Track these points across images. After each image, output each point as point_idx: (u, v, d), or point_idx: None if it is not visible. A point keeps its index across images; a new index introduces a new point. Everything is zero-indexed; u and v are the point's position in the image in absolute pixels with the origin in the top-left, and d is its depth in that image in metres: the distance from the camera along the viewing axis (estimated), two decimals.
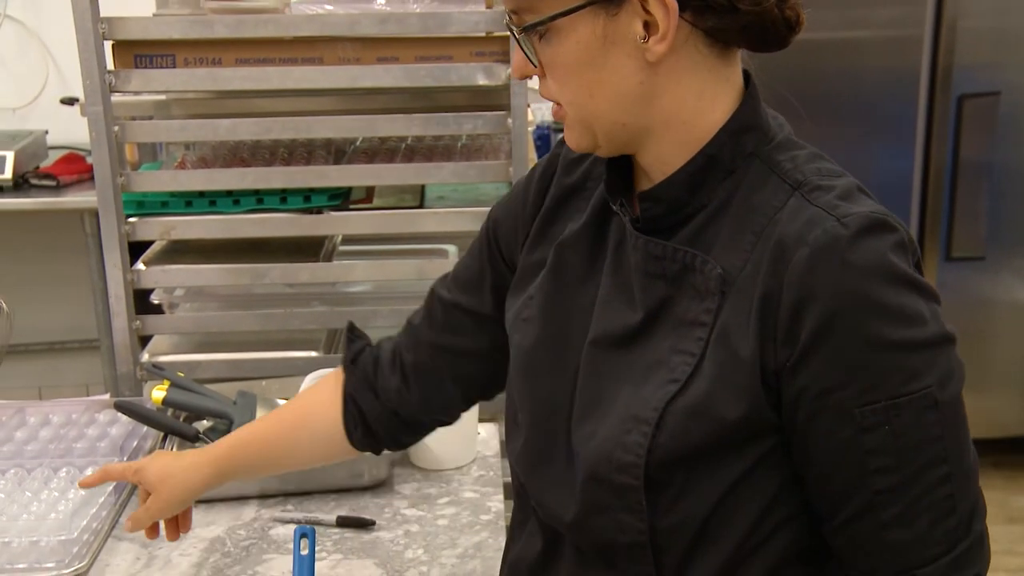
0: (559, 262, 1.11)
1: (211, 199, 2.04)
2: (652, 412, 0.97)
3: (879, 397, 0.91)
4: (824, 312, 0.90)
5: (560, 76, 0.98)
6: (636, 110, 0.98)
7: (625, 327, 1.03)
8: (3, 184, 3.01)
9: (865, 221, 0.92)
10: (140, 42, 1.97)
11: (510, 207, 1.21)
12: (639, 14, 0.93)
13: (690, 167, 0.99)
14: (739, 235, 0.96)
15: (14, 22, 3.43)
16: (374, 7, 2.04)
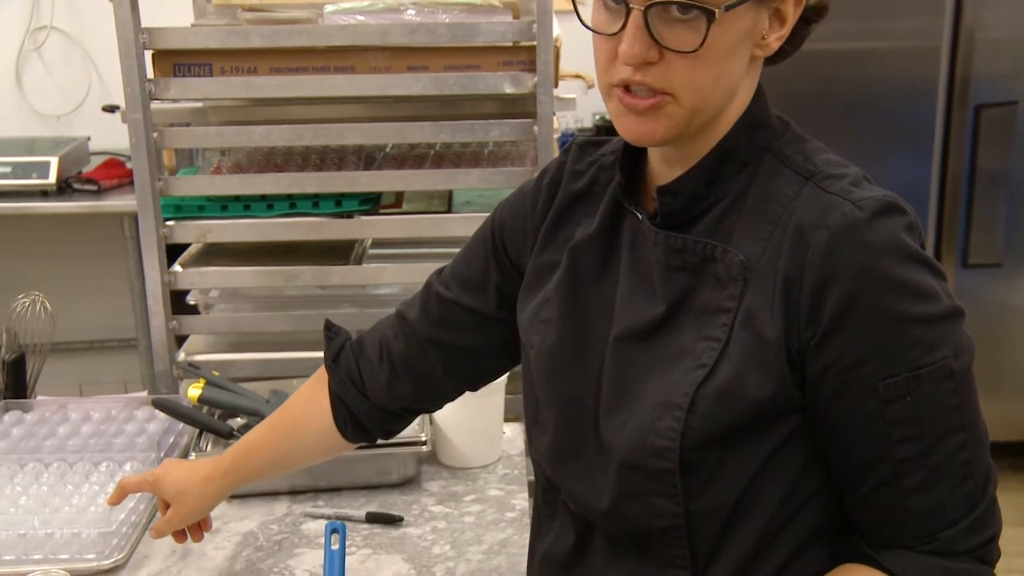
0: (573, 265, 1.11)
1: (246, 203, 2.05)
2: (683, 397, 0.98)
3: (900, 370, 0.93)
4: (845, 291, 0.93)
5: (705, 62, 0.94)
6: (724, 102, 0.99)
7: (648, 320, 1.03)
8: (47, 188, 3.03)
9: (879, 204, 0.94)
10: (179, 52, 1.98)
11: (517, 211, 1.20)
12: (771, 8, 0.96)
13: (707, 161, 1.00)
14: (756, 225, 0.98)
15: (60, 33, 3.46)
16: (404, 18, 2.04)
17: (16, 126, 3.49)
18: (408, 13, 2.05)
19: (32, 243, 3.50)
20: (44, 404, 1.70)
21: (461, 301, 1.23)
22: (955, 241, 3.18)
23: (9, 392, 1.69)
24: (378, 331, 1.29)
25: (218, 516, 1.50)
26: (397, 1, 2.08)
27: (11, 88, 3.50)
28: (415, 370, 1.26)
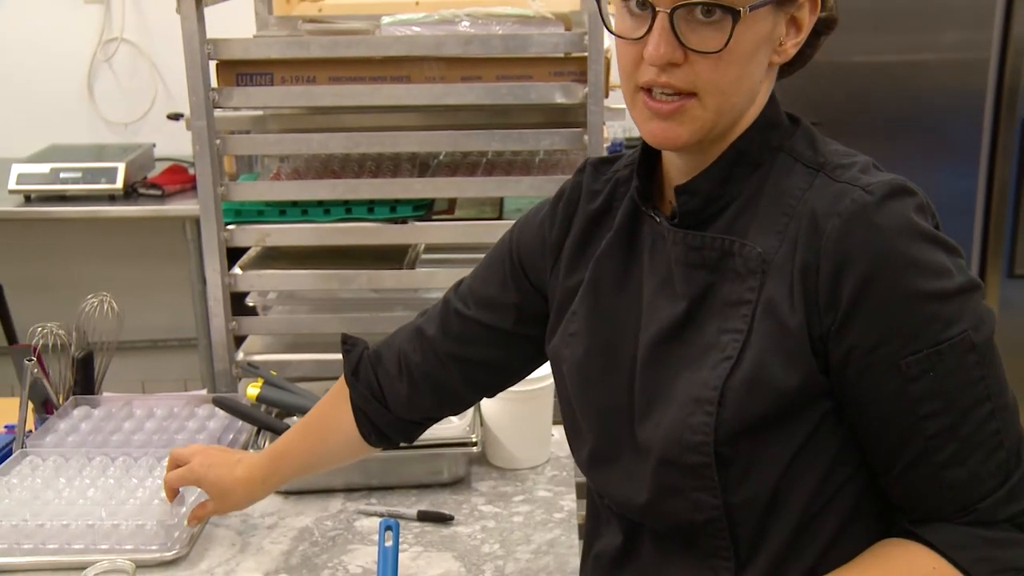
0: (596, 275, 1.12)
1: (303, 208, 2.06)
2: (712, 391, 0.98)
3: (921, 346, 0.94)
4: (861, 274, 0.94)
5: (727, 63, 0.95)
6: (745, 106, 1.01)
7: (672, 320, 1.04)
8: (115, 193, 3.08)
9: (888, 188, 0.95)
10: (242, 62, 2.00)
11: (534, 231, 1.21)
12: (789, 14, 0.97)
13: (722, 162, 1.02)
14: (771, 219, 0.99)
15: (129, 44, 3.51)
16: (459, 29, 2.05)
17: (87, 133, 3.55)
18: (463, 24, 2.05)
19: (100, 245, 3.55)
20: (110, 400, 1.72)
21: (480, 318, 1.24)
22: (1001, 252, 3.14)
23: (78, 388, 1.71)
24: (396, 343, 1.31)
25: (275, 511, 1.51)
26: (452, 13, 2.08)
27: (83, 97, 3.55)
28: (435, 383, 1.27)
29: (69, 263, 3.57)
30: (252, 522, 1.48)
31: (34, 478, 1.49)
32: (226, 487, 1.34)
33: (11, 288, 3.40)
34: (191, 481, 1.37)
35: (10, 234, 3.58)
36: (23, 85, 3.54)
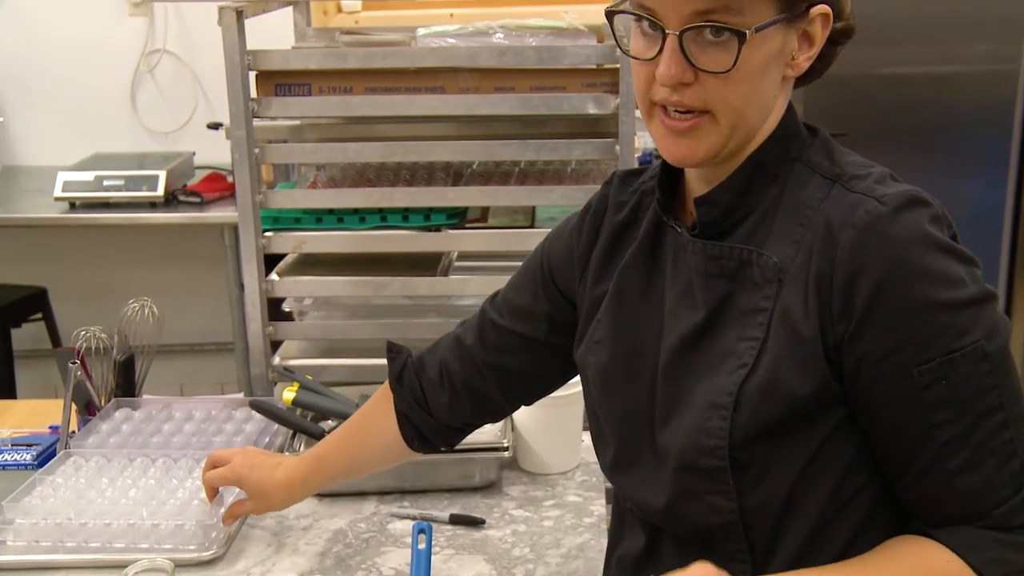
0: (620, 285, 1.12)
1: (339, 216, 2.07)
2: (727, 397, 0.99)
3: (933, 355, 0.93)
4: (874, 283, 0.93)
5: (736, 82, 0.95)
6: (760, 121, 1.01)
7: (692, 328, 1.04)
8: (156, 200, 3.10)
9: (902, 199, 0.95)
10: (281, 72, 2.01)
11: (563, 244, 1.22)
12: (800, 30, 0.97)
13: (740, 173, 1.02)
14: (788, 229, 0.99)
15: (171, 55, 3.54)
16: (493, 41, 2.05)
17: (129, 142, 3.58)
18: (496, 36, 2.05)
19: (141, 251, 3.58)
20: (151, 402, 1.73)
21: (514, 328, 1.25)
22: None
23: (120, 390, 1.72)
24: (438, 352, 1.32)
25: (309, 513, 1.51)
26: (486, 25, 2.09)
27: (126, 107, 3.59)
28: (474, 391, 1.28)
29: (111, 268, 3.60)
30: (287, 523, 1.49)
31: (78, 478, 1.50)
32: (266, 489, 1.35)
33: (56, 292, 3.43)
34: (232, 481, 1.37)
35: (55, 240, 3.61)
36: (69, 95, 3.58)
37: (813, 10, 0.96)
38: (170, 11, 3.50)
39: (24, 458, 1.66)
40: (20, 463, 1.65)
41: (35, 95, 3.60)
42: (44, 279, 3.46)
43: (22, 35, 3.54)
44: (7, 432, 1.75)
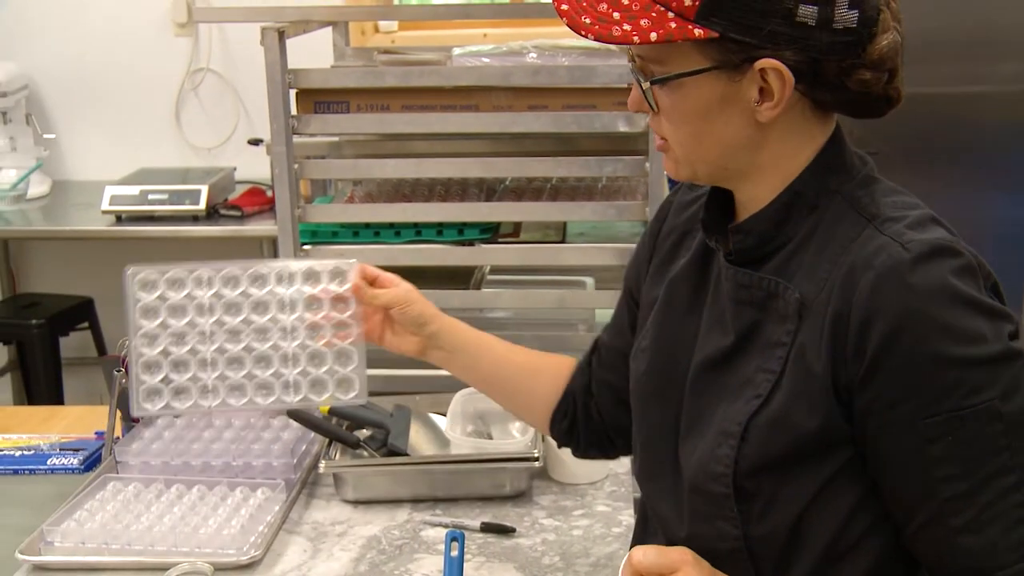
0: (669, 296, 1.12)
1: (375, 230, 2.08)
2: (737, 426, 0.98)
3: (940, 410, 0.90)
4: (888, 330, 0.90)
5: (675, 121, 0.98)
6: (739, 157, 0.99)
7: (720, 350, 1.03)
8: (198, 214, 3.12)
9: (927, 246, 0.91)
10: (320, 90, 2.03)
11: (638, 252, 1.23)
12: (757, 81, 0.94)
13: (777, 203, 1.00)
14: (818, 265, 0.97)
15: (214, 74, 3.57)
16: (526, 60, 2.05)
17: (173, 157, 3.62)
18: (530, 56, 2.06)
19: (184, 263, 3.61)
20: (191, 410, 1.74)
21: (614, 344, 1.26)
22: None
23: None
24: None
25: (344, 520, 1.51)
26: (520, 45, 2.09)
27: (171, 123, 3.62)
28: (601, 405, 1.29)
29: None
30: (323, 530, 1.49)
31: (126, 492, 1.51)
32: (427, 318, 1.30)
33: (102, 302, 3.46)
34: (402, 300, 1.30)
35: (102, 252, 3.65)
36: (117, 113, 3.62)
37: (758, 63, 0.92)
38: (214, 31, 3.54)
39: (71, 462, 1.68)
40: (67, 467, 1.67)
41: (85, 113, 3.64)
42: (91, 289, 3.50)
43: (73, 56, 3.59)
44: (55, 437, 1.77)
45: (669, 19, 0.91)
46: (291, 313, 1.32)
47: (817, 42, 0.92)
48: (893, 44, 0.95)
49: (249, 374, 1.32)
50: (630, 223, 2.21)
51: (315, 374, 1.32)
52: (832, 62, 0.93)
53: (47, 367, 3.28)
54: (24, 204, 3.36)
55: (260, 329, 1.33)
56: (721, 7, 0.90)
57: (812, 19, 0.91)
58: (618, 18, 0.92)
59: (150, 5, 3.51)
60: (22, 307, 3.40)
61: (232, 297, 1.33)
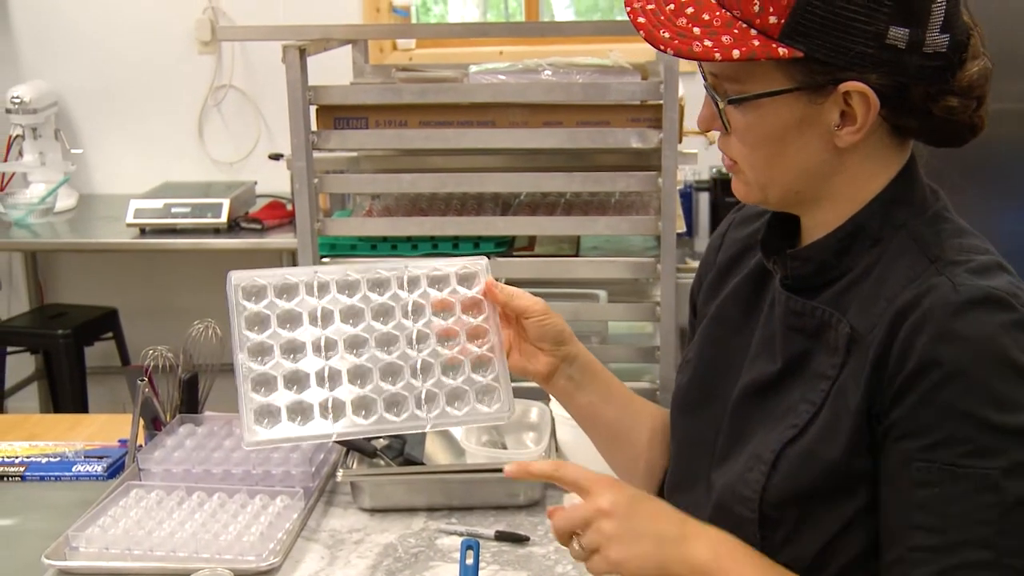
0: (720, 311, 1.09)
1: (393, 243, 2.08)
2: (770, 454, 0.95)
3: (937, 458, 0.86)
4: (918, 366, 0.86)
5: (748, 142, 0.94)
6: (812, 183, 0.95)
7: (766, 376, 1.00)
8: (219, 227, 3.14)
9: (980, 293, 0.86)
10: (340, 107, 2.03)
11: (700, 267, 1.19)
12: (839, 104, 0.90)
13: (839, 232, 0.96)
14: (874, 300, 0.92)
15: (236, 90, 3.60)
16: (541, 77, 2.06)
17: (196, 172, 3.64)
18: (545, 73, 2.06)
19: (205, 275, 3.61)
20: (213, 419, 1.74)
21: (687, 357, 1.20)
22: None
23: (184, 407, 1.73)
24: None
25: (361, 528, 1.51)
26: (535, 62, 2.10)
27: (194, 139, 3.65)
28: None
29: (178, 290, 3.64)
30: (340, 537, 1.49)
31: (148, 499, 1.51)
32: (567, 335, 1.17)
33: (126, 313, 3.48)
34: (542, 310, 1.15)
35: (126, 264, 3.67)
36: (142, 128, 3.65)
37: (842, 86, 0.88)
38: (236, 49, 3.56)
39: (95, 470, 1.68)
40: (92, 474, 1.68)
41: (111, 128, 3.67)
42: (115, 300, 3.52)
43: (101, 73, 3.62)
44: (80, 445, 1.78)
45: (752, 36, 0.87)
46: (418, 320, 1.16)
47: (906, 66, 0.88)
48: (983, 71, 0.91)
49: (377, 387, 1.12)
50: (643, 237, 2.21)
51: (452, 385, 1.13)
52: (919, 87, 0.89)
53: (72, 376, 3.29)
54: (52, 217, 3.38)
55: (385, 338, 1.15)
56: (808, 26, 0.86)
57: (903, 42, 0.87)
58: (698, 33, 0.88)
59: (175, 24, 3.54)
60: (49, 317, 3.42)
61: (352, 303, 1.16)
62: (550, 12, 3.93)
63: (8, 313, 3.71)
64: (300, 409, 1.10)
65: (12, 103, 3.34)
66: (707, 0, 0.90)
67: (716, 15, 0.89)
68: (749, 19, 0.88)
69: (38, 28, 3.61)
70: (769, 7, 0.87)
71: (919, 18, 0.87)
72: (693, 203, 3.23)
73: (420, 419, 1.12)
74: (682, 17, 0.90)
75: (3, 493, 1.64)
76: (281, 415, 1.10)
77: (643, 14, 0.91)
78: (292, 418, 1.10)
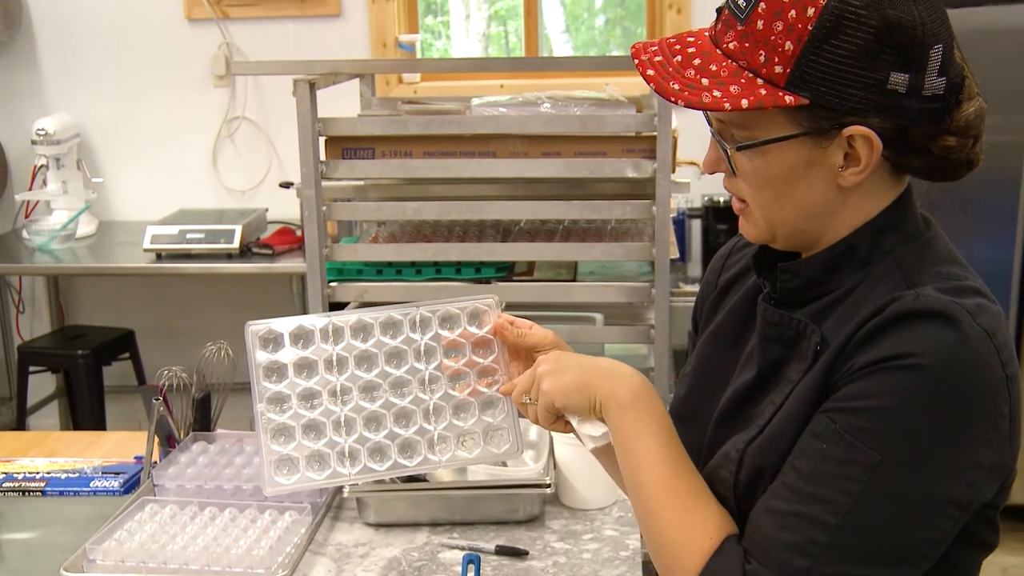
0: (718, 329, 1.10)
1: (398, 268, 2.08)
2: (736, 452, 0.96)
3: (839, 421, 0.87)
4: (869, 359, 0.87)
5: (756, 185, 0.94)
6: (818, 220, 0.95)
7: (745, 385, 1.01)
8: (232, 252, 3.14)
9: (937, 305, 0.86)
10: (347, 138, 2.04)
11: (700, 290, 1.19)
12: (843, 147, 0.90)
13: (830, 252, 0.96)
14: (849, 318, 0.92)
15: (249, 122, 3.60)
16: (541, 110, 2.06)
17: (210, 199, 3.64)
18: (544, 106, 2.07)
19: (218, 298, 3.62)
20: (224, 437, 1.73)
21: (686, 371, 1.20)
22: None
23: (197, 425, 1.72)
24: None
25: (367, 542, 1.50)
26: (535, 95, 2.10)
27: (208, 168, 3.65)
28: None
29: (192, 313, 3.64)
30: (346, 551, 1.47)
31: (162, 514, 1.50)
32: None
33: (142, 334, 3.47)
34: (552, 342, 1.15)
35: (143, 287, 3.67)
36: (159, 158, 3.66)
37: (846, 130, 0.88)
38: (249, 83, 3.57)
39: (112, 485, 1.67)
40: (108, 490, 1.66)
41: (130, 158, 3.68)
42: (132, 322, 3.51)
43: (121, 106, 3.63)
44: (97, 461, 1.77)
45: (759, 85, 0.87)
46: (430, 362, 1.15)
47: (907, 109, 0.88)
48: (979, 111, 0.92)
49: (391, 433, 1.13)
50: (637, 263, 2.21)
51: (463, 427, 1.14)
52: (919, 128, 0.89)
53: (91, 394, 3.29)
54: (73, 243, 3.39)
55: (398, 382, 1.15)
56: (813, 75, 0.86)
57: (903, 87, 0.87)
58: (707, 84, 0.88)
59: (192, 60, 3.56)
60: (69, 338, 3.42)
61: (365, 348, 1.15)
62: (549, 47, 3.95)
63: (31, 334, 3.71)
64: (318, 457, 1.13)
65: (37, 135, 3.35)
66: (713, 51, 0.91)
67: (723, 65, 0.89)
68: (755, 69, 0.88)
69: (63, 64, 3.63)
70: (775, 57, 0.87)
71: (918, 64, 0.87)
72: (686, 230, 3.23)
73: (432, 461, 1.14)
74: (690, 68, 0.90)
75: (25, 507, 1.63)
76: (299, 465, 1.12)
77: (651, 66, 0.92)
78: (310, 466, 1.12)
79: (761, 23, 0.87)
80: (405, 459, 1.13)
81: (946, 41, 0.88)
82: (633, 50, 0.95)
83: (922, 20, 0.86)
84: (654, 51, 0.93)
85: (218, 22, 3.52)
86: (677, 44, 0.93)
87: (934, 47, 0.87)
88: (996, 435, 0.87)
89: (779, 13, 0.86)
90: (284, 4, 3.47)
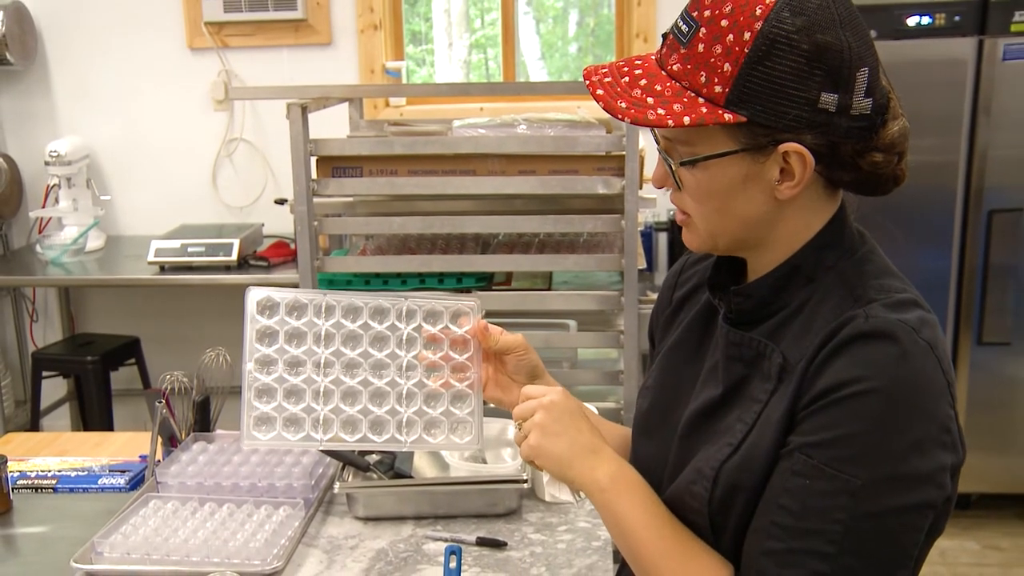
0: (677, 341, 1.08)
1: (385, 279, 2.06)
2: (711, 470, 0.94)
3: (816, 456, 0.86)
4: (829, 384, 0.87)
5: (699, 198, 0.93)
6: (756, 230, 0.95)
7: (709, 401, 0.99)
8: (230, 264, 3.11)
9: (884, 326, 0.86)
10: (337, 157, 2.02)
11: (656, 303, 1.18)
12: (779, 163, 0.90)
13: (777, 272, 0.96)
14: (805, 334, 0.92)
15: (246, 143, 3.58)
16: (517, 131, 2.05)
17: (210, 215, 3.61)
18: (520, 127, 2.06)
19: (217, 307, 3.58)
20: (223, 437, 1.71)
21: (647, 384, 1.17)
22: (971, 323, 3.06)
23: (197, 427, 1.70)
24: None
25: (356, 535, 1.48)
26: (512, 118, 2.09)
27: (209, 185, 3.62)
28: None
29: (193, 321, 3.60)
30: (337, 543, 1.45)
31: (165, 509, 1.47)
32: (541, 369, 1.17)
33: (147, 341, 3.43)
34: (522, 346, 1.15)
35: (147, 298, 3.63)
36: (163, 177, 3.62)
37: (782, 147, 0.88)
38: (247, 106, 3.55)
39: (118, 482, 1.64)
40: (115, 487, 1.64)
41: (136, 177, 3.64)
42: (138, 330, 3.47)
43: (128, 129, 3.60)
44: (105, 460, 1.74)
45: (700, 104, 0.87)
46: (410, 350, 1.16)
47: (837, 127, 0.87)
48: (903, 130, 0.92)
49: (364, 409, 1.14)
50: (607, 273, 2.20)
51: (431, 415, 1.15)
52: (848, 145, 0.89)
53: (99, 398, 3.24)
54: (82, 256, 3.35)
55: (378, 364, 1.15)
56: (750, 94, 0.86)
57: (833, 106, 0.87)
58: (652, 103, 0.87)
59: (193, 86, 3.53)
60: (79, 345, 3.37)
61: (352, 328, 1.16)
62: (525, 73, 3.95)
63: (44, 341, 3.67)
64: (294, 420, 1.13)
65: (50, 156, 3.32)
66: (659, 73, 0.90)
67: (667, 86, 0.89)
68: (697, 89, 0.87)
69: (74, 91, 3.59)
70: (714, 78, 0.86)
71: (846, 85, 0.87)
72: (653, 242, 3.23)
73: (399, 441, 1.14)
74: (636, 88, 0.89)
75: (37, 503, 1.60)
76: (276, 424, 1.13)
77: (601, 86, 0.91)
78: (286, 427, 1.13)
79: (702, 46, 0.87)
80: (374, 435, 1.14)
81: (871, 65, 0.88)
82: (585, 72, 0.94)
83: (849, 45, 0.86)
84: (604, 73, 0.93)
85: (218, 51, 3.49)
86: (625, 67, 0.92)
87: (860, 70, 0.87)
88: (950, 438, 0.87)
89: (718, 37, 0.86)
90: (279, 34, 3.44)
